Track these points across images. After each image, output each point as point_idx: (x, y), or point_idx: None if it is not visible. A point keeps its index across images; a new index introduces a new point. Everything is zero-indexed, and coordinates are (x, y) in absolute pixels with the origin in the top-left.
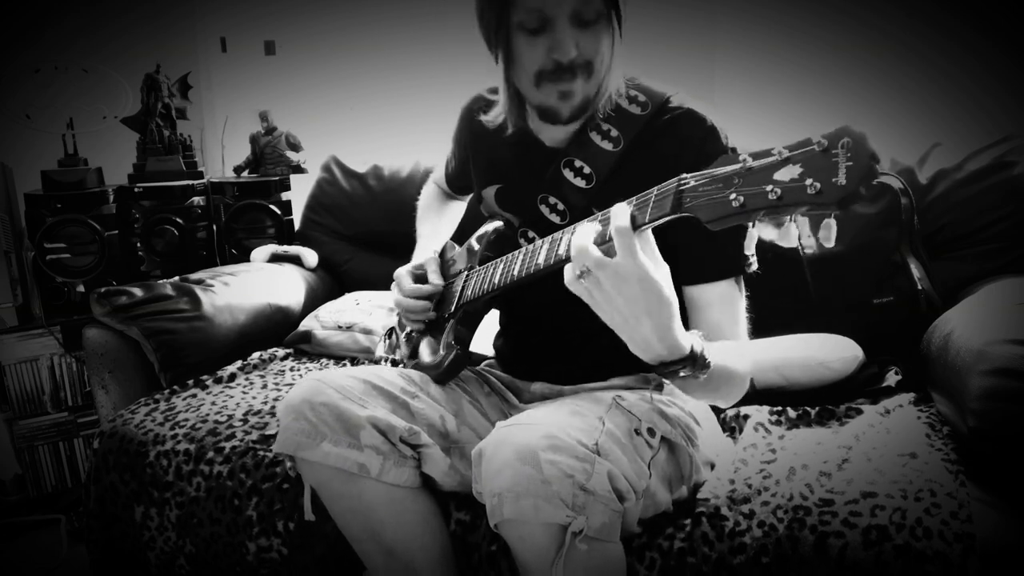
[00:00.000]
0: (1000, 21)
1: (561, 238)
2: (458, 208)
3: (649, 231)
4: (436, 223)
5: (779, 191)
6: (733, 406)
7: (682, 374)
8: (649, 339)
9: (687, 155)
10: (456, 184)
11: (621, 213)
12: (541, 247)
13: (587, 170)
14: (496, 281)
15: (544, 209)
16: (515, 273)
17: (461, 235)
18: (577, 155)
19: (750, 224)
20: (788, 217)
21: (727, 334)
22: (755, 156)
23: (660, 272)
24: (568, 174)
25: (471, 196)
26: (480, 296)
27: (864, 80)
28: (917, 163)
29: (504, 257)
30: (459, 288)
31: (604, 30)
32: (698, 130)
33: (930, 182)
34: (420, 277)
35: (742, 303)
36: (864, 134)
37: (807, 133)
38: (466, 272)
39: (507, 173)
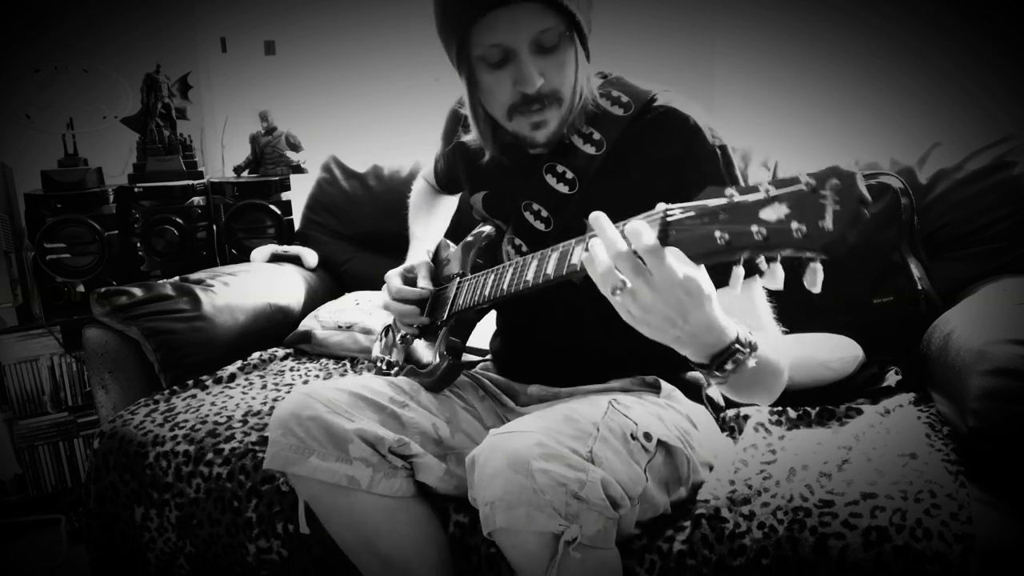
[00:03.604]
0: (1000, 21)
1: (550, 255)
2: (450, 203)
3: None
4: (428, 221)
5: (765, 231)
6: (728, 404)
7: (732, 363)
8: (696, 333)
9: (671, 157)
10: (445, 183)
11: (645, 231)
12: (530, 263)
13: (570, 175)
14: (486, 294)
15: (528, 216)
16: (504, 287)
17: (456, 231)
18: (559, 160)
19: (735, 262)
20: (775, 258)
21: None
22: (741, 191)
23: (691, 270)
24: (551, 180)
25: (462, 193)
26: (471, 307)
27: (864, 80)
28: (917, 163)
29: (494, 269)
30: (451, 295)
31: (567, 53)
32: (682, 130)
33: (930, 182)
34: (411, 280)
35: (759, 295)
36: (854, 174)
37: (807, 133)
38: (458, 279)
39: (491, 179)
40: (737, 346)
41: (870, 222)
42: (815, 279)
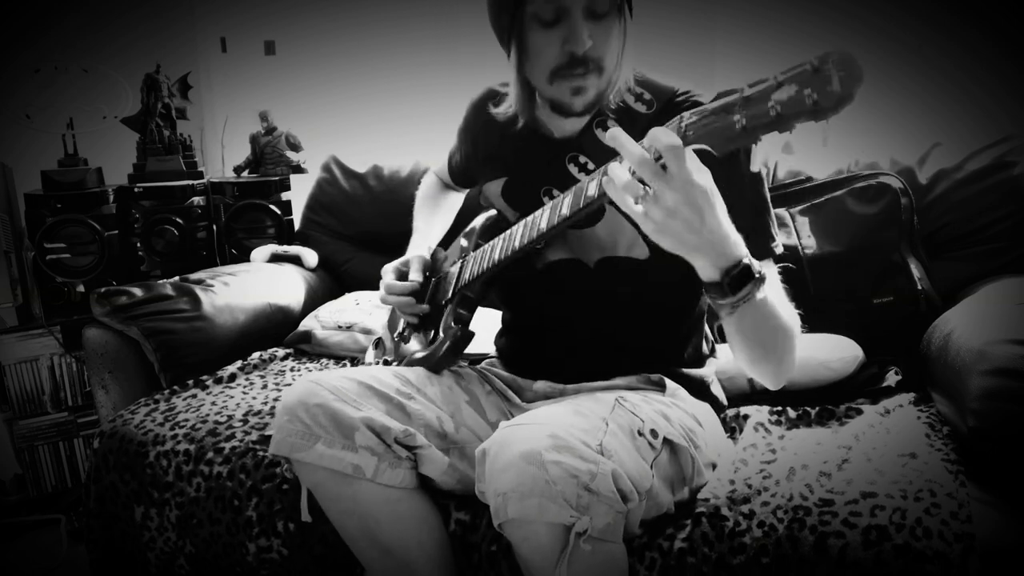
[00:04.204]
0: (1000, 21)
1: (563, 199)
2: (456, 199)
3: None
4: (431, 215)
5: (778, 107)
6: (728, 404)
7: (744, 284)
8: (713, 241)
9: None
10: (461, 177)
11: (664, 133)
12: (541, 215)
13: (591, 166)
14: (496, 257)
15: (547, 202)
16: (516, 245)
17: (453, 235)
18: (582, 152)
19: (755, 142)
20: (789, 131)
21: None
22: (751, 85)
23: (704, 175)
24: (572, 169)
25: (470, 191)
26: (480, 275)
27: (864, 80)
28: (917, 163)
29: (503, 234)
30: (455, 275)
31: (615, 24)
32: None
33: (930, 182)
34: (405, 274)
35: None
36: (850, 52)
37: (808, 133)
38: (461, 260)
39: (513, 166)
40: (747, 261)
41: (870, 221)
42: (825, 136)
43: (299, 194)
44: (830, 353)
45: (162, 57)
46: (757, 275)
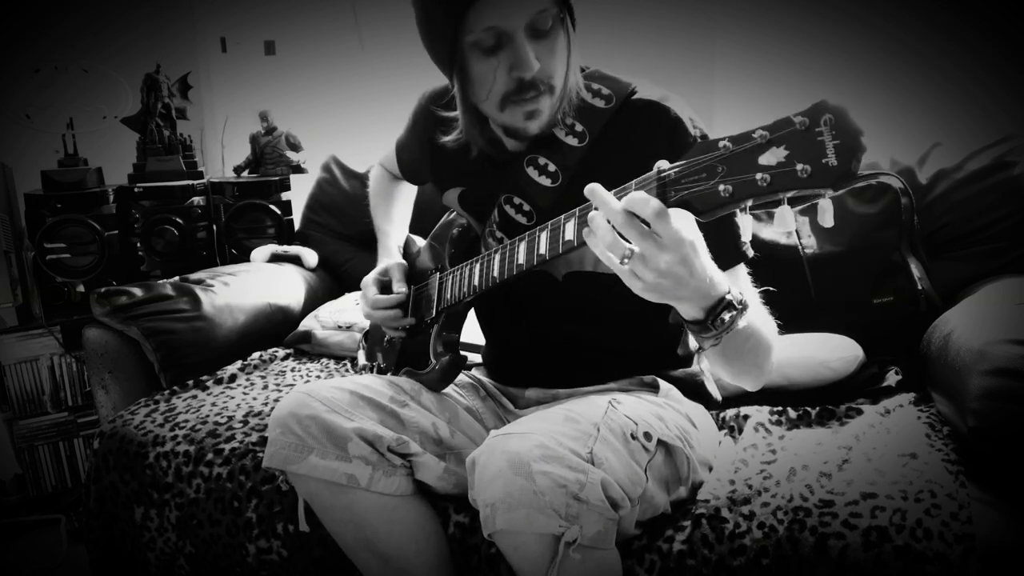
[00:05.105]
0: (1000, 21)
1: (539, 235)
2: (410, 188)
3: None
4: (391, 212)
5: (768, 177)
6: (728, 404)
7: (726, 317)
8: (699, 286)
9: (654, 148)
10: (411, 176)
11: (646, 200)
12: (519, 245)
13: (552, 168)
14: (476, 283)
15: (509, 210)
16: (495, 275)
17: (419, 222)
18: (541, 153)
19: (740, 210)
20: (781, 201)
21: None
22: (734, 141)
23: (690, 225)
24: (532, 173)
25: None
26: (460, 300)
27: (864, 80)
28: (917, 163)
29: (479, 257)
30: (435, 291)
31: (559, 39)
32: (663, 122)
33: (930, 182)
34: (386, 284)
35: (745, 282)
36: (844, 108)
37: None
38: (439, 275)
39: (469, 177)
40: (729, 296)
41: (870, 221)
42: (826, 216)
43: (299, 194)
44: (830, 353)
45: (162, 57)
46: (739, 305)
